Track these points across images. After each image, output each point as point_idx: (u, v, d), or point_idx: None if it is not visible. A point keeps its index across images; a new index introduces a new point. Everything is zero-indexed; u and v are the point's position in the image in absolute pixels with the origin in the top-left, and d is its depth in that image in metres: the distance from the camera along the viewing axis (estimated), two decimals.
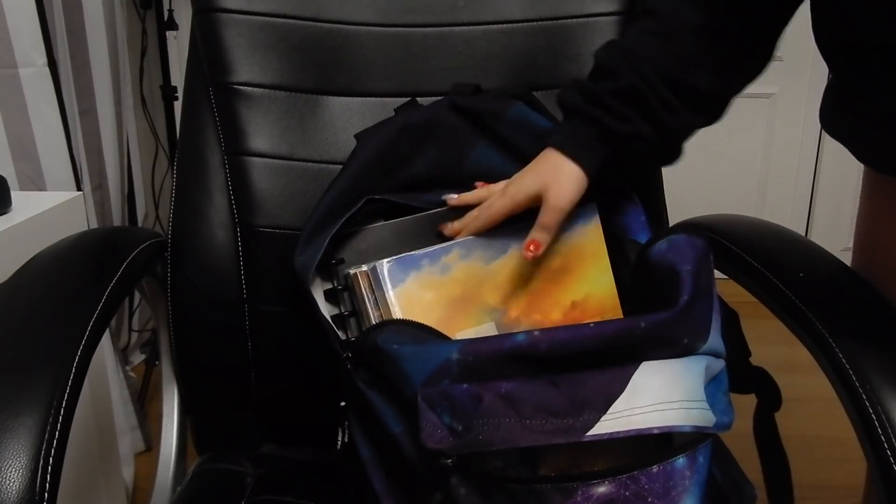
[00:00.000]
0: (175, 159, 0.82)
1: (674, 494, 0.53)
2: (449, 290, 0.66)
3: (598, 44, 0.70)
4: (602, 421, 0.51)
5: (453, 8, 0.81)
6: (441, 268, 0.66)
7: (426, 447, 0.53)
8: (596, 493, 0.52)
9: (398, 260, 0.64)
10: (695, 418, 0.53)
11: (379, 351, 0.58)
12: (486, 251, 0.68)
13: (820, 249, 0.70)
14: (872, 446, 0.53)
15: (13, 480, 0.44)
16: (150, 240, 0.76)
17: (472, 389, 0.53)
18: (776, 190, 2.33)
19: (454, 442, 0.53)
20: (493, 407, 0.52)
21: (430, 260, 0.65)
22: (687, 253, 0.60)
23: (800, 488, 0.67)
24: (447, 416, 0.53)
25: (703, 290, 0.57)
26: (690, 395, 0.54)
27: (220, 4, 0.79)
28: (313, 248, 0.67)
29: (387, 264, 0.64)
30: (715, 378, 0.57)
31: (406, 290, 0.64)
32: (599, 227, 0.71)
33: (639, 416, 0.52)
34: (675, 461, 0.53)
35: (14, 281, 0.63)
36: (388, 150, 0.73)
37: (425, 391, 0.54)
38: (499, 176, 0.71)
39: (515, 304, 0.68)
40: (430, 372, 0.54)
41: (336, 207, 0.69)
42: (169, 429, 0.83)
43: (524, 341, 0.53)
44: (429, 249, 0.66)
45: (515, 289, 0.68)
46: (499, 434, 0.52)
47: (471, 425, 0.52)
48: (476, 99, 0.75)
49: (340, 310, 0.68)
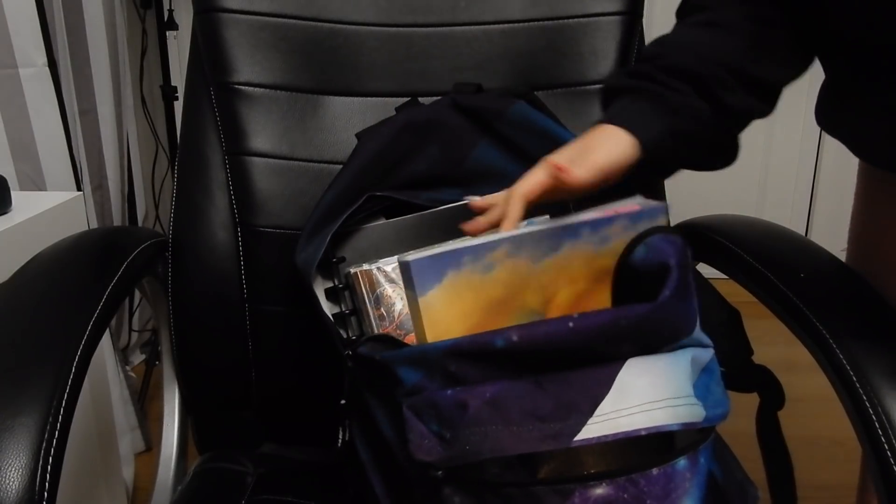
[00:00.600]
0: (176, 159, 0.82)
1: (673, 497, 0.52)
2: (489, 292, 0.59)
3: (599, 44, 0.70)
4: (589, 424, 0.50)
5: (454, 8, 0.81)
6: (484, 266, 0.58)
7: (415, 459, 0.52)
8: (594, 495, 0.51)
9: (436, 257, 0.55)
10: (682, 415, 0.53)
11: (368, 359, 0.58)
12: (537, 248, 0.59)
13: (820, 249, 0.70)
14: (872, 446, 0.53)
15: (13, 480, 0.44)
16: (151, 239, 0.76)
17: (456, 396, 0.52)
18: (776, 190, 2.33)
19: (443, 453, 0.52)
20: (480, 415, 0.51)
21: (473, 257, 0.57)
22: (669, 250, 0.58)
23: (800, 488, 0.67)
24: (434, 423, 0.53)
25: (685, 284, 0.56)
26: (677, 392, 0.53)
27: (222, 4, 0.79)
28: (314, 245, 0.67)
29: (419, 262, 0.55)
30: (706, 368, 0.56)
31: (441, 292, 0.56)
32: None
33: (625, 419, 0.51)
34: (676, 463, 0.53)
35: (14, 281, 0.63)
36: (390, 148, 0.73)
37: (410, 400, 0.53)
38: (500, 174, 0.71)
39: (557, 306, 0.62)
40: (415, 379, 0.54)
41: (337, 205, 0.69)
42: (170, 428, 0.83)
43: (502, 344, 0.51)
44: (472, 243, 0.57)
45: (560, 289, 0.62)
46: (487, 444, 0.51)
47: (458, 434, 0.51)
48: (477, 98, 0.75)
49: (341, 308, 0.67)
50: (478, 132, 0.75)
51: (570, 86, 0.81)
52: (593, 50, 0.80)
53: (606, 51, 0.80)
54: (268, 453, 0.82)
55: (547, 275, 0.61)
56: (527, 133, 0.73)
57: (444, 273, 0.56)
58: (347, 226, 0.69)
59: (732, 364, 0.60)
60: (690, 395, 0.54)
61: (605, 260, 0.63)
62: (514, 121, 0.74)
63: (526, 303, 0.62)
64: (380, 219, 0.72)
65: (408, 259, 0.55)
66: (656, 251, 0.58)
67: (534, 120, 0.74)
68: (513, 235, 0.59)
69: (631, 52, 0.82)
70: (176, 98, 1.75)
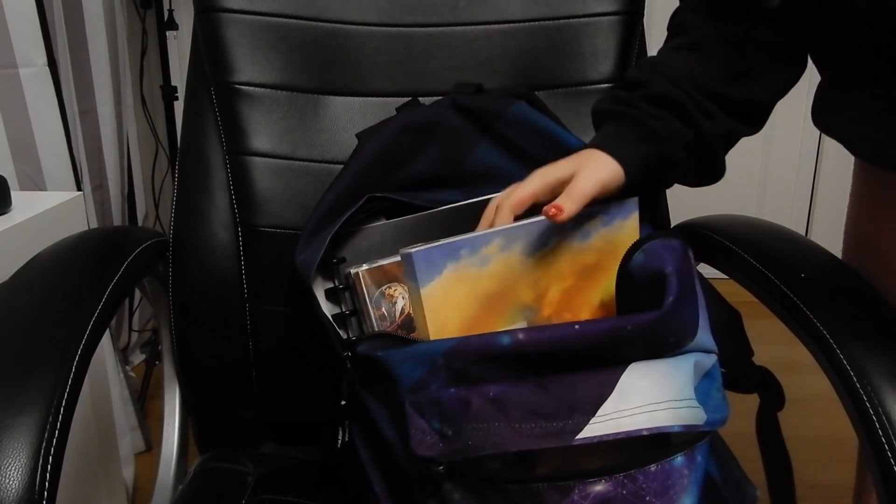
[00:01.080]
0: (176, 159, 0.82)
1: (672, 493, 0.53)
2: (485, 285, 0.61)
3: (599, 43, 0.70)
4: (591, 424, 0.51)
5: (455, 8, 0.81)
6: (480, 259, 0.60)
7: (416, 454, 0.53)
8: (593, 491, 0.51)
9: (436, 248, 0.57)
10: (684, 417, 0.53)
11: (366, 358, 0.58)
12: (526, 242, 0.62)
13: (820, 249, 0.70)
14: (872, 446, 0.53)
15: (13, 479, 0.44)
16: (152, 239, 0.76)
17: (459, 394, 0.52)
18: (776, 190, 2.33)
19: (445, 448, 0.52)
20: (482, 411, 0.52)
21: (470, 250, 0.59)
22: (666, 257, 0.59)
23: (800, 488, 0.67)
24: (436, 421, 0.53)
25: (688, 289, 0.56)
26: (679, 395, 0.53)
27: (222, 4, 0.79)
28: (314, 246, 0.67)
29: (421, 253, 0.57)
30: (708, 374, 0.57)
31: (441, 284, 0.58)
32: (637, 222, 0.67)
33: (627, 419, 0.51)
34: (673, 460, 0.53)
35: (14, 281, 0.63)
36: (390, 149, 0.73)
37: (413, 397, 0.54)
38: (500, 175, 0.71)
39: (548, 301, 0.65)
40: (418, 377, 0.54)
41: (337, 206, 0.69)
42: (170, 428, 0.83)
43: (509, 344, 0.52)
44: (468, 237, 0.59)
45: (550, 285, 0.65)
46: (489, 439, 0.51)
47: (460, 430, 0.52)
48: (478, 98, 0.75)
49: (341, 309, 0.67)
50: (478, 133, 0.75)
51: (571, 86, 0.81)
52: (594, 50, 0.80)
53: (607, 51, 0.81)
54: (268, 453, 0.82)
55: (538, 270, 0.63)
56: (527, 133, 0.73)
57: (444, 265, 0.58)
58: (348, 226, 0.69)
59: (733, 365, 0.61)
60: (692, 398, 0.54)
61: (589, 255, 0.65)
62: (514, 121, 0.74)
63: (520, 298, 0.63)
64: (380, 219, 0.72)
65: (410, 251, 0.56)
66: (654, 258, 0.58)
67: (534, 120, 0.74)
68: (505, 229, 0.61)
69: (632, 51, 0.82)
70: (176, 98, 1.75)
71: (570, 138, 0.73)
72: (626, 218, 0.65)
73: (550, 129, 0.73)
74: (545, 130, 0.72)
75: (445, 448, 0.52)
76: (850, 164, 0.72)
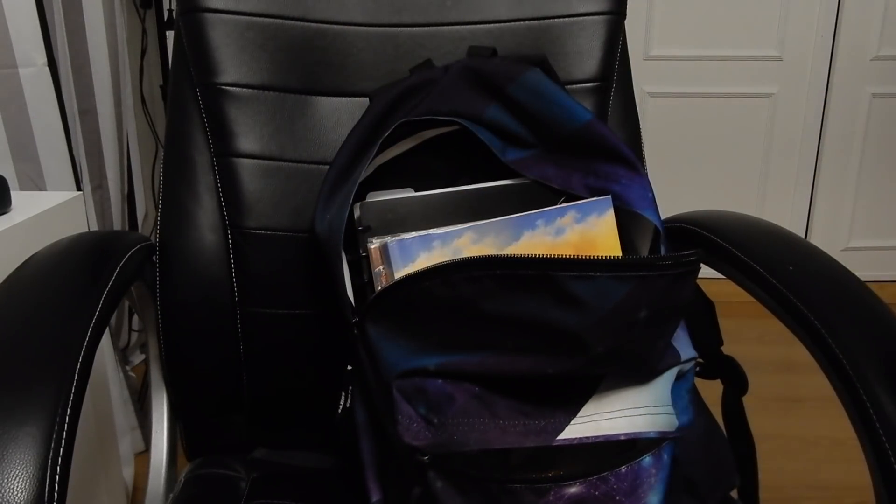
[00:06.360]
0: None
1: (640, 492, 0.54)
2: None
3: (584, 43, 0.70)
4: (572, 424, 0.53)
5: (441, 8, 0.81)
6: (452, 251, 0.64)
7: (402, 441, 0.54)
8: (567, 493, 0.53)
9: (411, 239, 0.63)
10: (660, 424, 0.55)
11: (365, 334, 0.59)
12: (498, 237, 0.65)
13: (812, 246, 0.70)
14: (872, 446, 0.53)
15: (21, 491, 0.44)
16: (140, 244, 0.75)
17: (445, 387, 0.54)
18: (776, 190, 2.31)
19: (430, 438, 0.53)
20: (467, 407, 0.53)
21: (442, 242, 0.63)
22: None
23: (800, 488, 0.68)
24: (423, 407, 0.54)
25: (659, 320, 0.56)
26: (657, 401, 0.54)
27: (206, 4, 0.78)
28: (337, 204, 0.66)
29: (398, 242, 0.62)
30: (684, 377, 0.58)
31: (415, 268, 0.62)
32: (613, 219, 0.69)
33: (607, 422, 0.52)
34: (642, 460, 0.54)
35: (9, 284, 0.62)
36: (403, 99, 0.73)
37: (399, 383, 0.55)
38: (512, 134, 0.71)
39: None
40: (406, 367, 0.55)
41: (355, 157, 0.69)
42: (159, 436, 0.82)
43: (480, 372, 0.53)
44: (442, 231, 0.64)
45: None
46: (473, 435, 0.53)
47: (445, 421, 0.53)
48: (491, 62, 0.74)
49: (364, 278, 0.68)
50: (488, 95, 0.74)
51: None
52: (578, 49, 0.80)
53: (591, 50, 0.80)
54: (259, 458, 0.82)
55: None
56: (537, 100, 0.72)
57: (418, 254, 0.63)
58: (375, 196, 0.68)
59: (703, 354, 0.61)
60: (668, 405, 0.55)
61: (564, 250, 0.67)
62: (526, 86, 0.72)
63: None
64: (408, 191, 0.72)
65: (386, 241, 0.63)
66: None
67: (545, 87, 0.72)
68: (477, 224, 0.65)
69: (615, 51, 0.82)
70: None
71: (578, 108, 0.72)
72: (601, 215, 0.68)
73: (560, 98, 0.73)
74: (556, 98, 0.72)
75: (431, 438, 0.54)
76: (851, 164, 0.71)
